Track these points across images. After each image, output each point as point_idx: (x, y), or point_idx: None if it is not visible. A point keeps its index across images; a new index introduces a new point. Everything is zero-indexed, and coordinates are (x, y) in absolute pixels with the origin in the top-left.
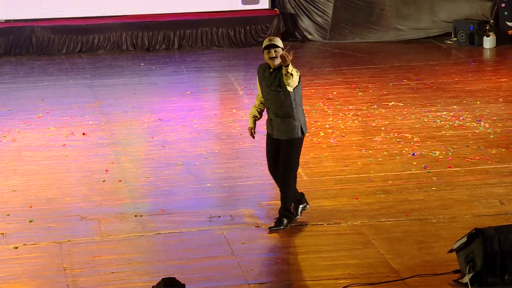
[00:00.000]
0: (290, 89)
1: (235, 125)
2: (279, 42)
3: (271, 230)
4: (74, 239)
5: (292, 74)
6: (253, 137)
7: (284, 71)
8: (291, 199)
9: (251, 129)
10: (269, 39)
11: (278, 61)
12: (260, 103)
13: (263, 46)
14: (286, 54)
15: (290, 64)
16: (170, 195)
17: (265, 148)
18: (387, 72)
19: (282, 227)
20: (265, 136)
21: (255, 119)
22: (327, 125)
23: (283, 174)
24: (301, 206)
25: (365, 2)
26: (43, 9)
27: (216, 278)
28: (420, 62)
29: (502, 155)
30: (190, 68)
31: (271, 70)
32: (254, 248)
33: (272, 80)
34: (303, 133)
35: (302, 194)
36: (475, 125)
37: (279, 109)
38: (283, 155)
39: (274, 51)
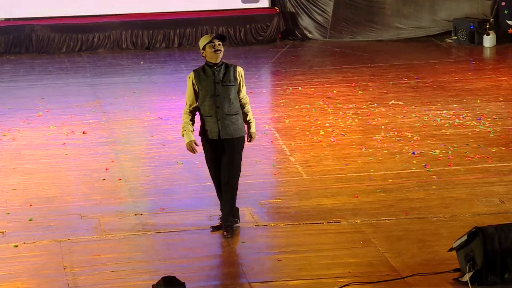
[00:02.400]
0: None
1: None
2: (222, 37)
3: (226, 237)
4: (74, 238)
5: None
6: (195, 152)
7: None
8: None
9: (193, 142)
10: (209, 35)
11: (221, 55)
12: (190, 115)
13: (207, 39)
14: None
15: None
16: (170, 193)
17: (265, 146)
18: (387, 71)
19: (234, 229)
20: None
21: (192, 132)
22: (327, 124)
23: (233, 176)
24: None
25: (365, 0)
26: (43, 7)
27: (216, 277)
28: (420, 60)
29: (502, 153)
30: (190, 66)
31: (215, 67)
32: (254, 247)
33: (223, 75)
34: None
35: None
36: (475, 123)
37: (230, 106)
38: (231, 156)
39: (219, 44)
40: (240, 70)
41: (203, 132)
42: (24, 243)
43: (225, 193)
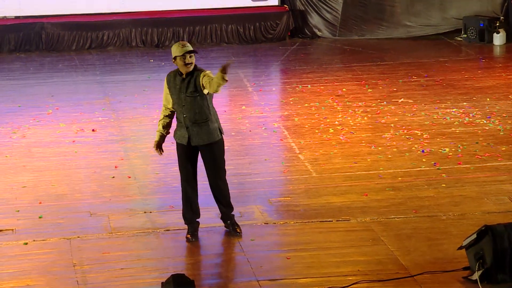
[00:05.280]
0: (206, 91)
1: (244, 121)
2: (191, 47)
3: (239, 234)
4: (83, 235)
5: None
6: (159, 153)
7: (222, 81)
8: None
9: (156, 143)
10: (182, 45)
11: (192, 67)
12: (165, 116)
13: (179, 52)
14: (228, 64)
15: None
16: (179, 191)
17: (274, 144)
18: (397, 69)
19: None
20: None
21: (163, 135)
22: (336, 122)
23: (219, 179)
24: None
25: None
26: (53, 5)
27: (225, 275)
28: (430, 58)
29: (511, 152)
30: (200, 64)
31: (183, 76)
32: (263, 244)
33: (187, 86)
34: (221, 133)
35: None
36: (485, 122)
37: (197, 115)
38: (210, 161)
39: (190, 57)
40: (202, 73)
41: (175, 136)
42: (33, 240)
43: (218, 194)
